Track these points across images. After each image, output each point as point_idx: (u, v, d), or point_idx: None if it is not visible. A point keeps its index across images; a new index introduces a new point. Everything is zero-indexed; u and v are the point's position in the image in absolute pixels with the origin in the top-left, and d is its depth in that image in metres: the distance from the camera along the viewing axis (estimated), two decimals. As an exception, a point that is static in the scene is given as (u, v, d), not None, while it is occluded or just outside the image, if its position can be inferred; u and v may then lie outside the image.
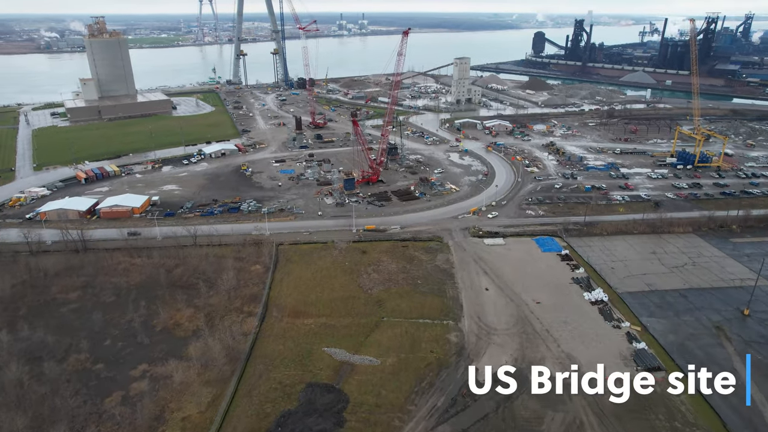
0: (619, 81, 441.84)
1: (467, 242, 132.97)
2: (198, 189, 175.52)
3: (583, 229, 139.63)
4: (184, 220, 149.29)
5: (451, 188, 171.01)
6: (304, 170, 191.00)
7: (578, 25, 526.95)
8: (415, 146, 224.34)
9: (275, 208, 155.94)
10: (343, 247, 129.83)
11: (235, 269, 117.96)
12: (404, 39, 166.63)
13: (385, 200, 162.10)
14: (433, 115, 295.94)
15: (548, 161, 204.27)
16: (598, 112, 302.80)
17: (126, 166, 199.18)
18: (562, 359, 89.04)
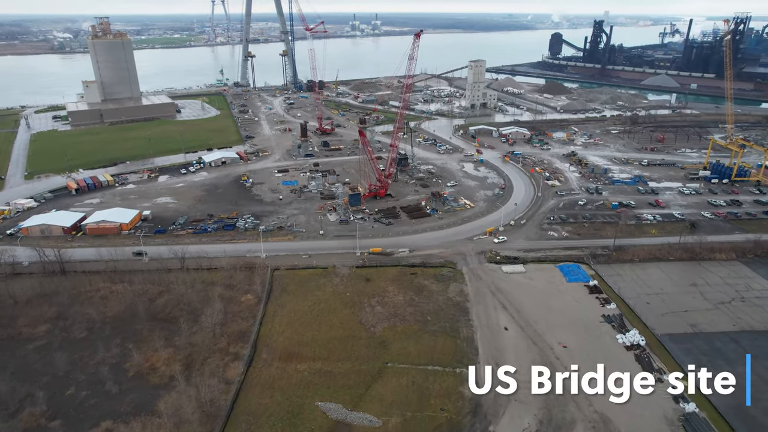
0: (640, 84, 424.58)
1: (483, 269, 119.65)
2: (194, 202, 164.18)
3: (612, 255, 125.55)
4: (174, 239, 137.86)
5: (466, 204, 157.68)
6: (307, 182, 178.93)
7: (597, 26, 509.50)
8: (426, 155, 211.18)
9: (274, 225, 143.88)
10: (345, 273, 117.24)
11: (224, 300, 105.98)
12: (416, 42, 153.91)
13: (393, 217, 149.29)
14: (446, 120, 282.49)
15: (570, 173, 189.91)
16: (620, 118, 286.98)
17: (121, 176, 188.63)
18: (595, 422, 75.62)
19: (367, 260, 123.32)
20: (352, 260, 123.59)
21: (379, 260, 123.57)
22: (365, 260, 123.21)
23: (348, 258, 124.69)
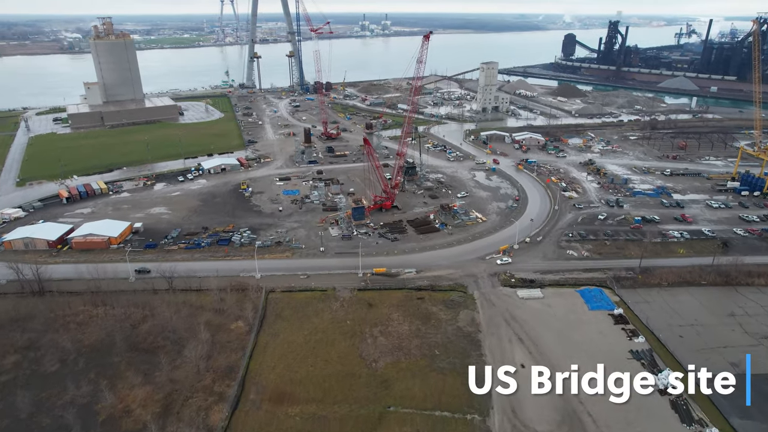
0: (656, 87, 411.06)
1: (496, 293, 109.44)
2: (189, 213, 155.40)
3: (637, 278, 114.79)
4: (165, 254, 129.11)
5: (477, 218, 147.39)
6: (310, 191, 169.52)
7: (612, 26, 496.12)
8: (436, 163, 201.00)
9: (271, 240, 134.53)
10: (346, 297, 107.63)
11: (212, 327, 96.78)
12: (425, 44, 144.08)
13: (399, 232, 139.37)
14: (456, 125, 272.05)
15: (588, 184, 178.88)
16: (638, 123, 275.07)
17: (115, 183, 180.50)
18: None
19: (369, 282, 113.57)
20: (354, 282, 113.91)
21: (383, 282, 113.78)
22: (368, 282, 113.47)
23: (349, 279, 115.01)
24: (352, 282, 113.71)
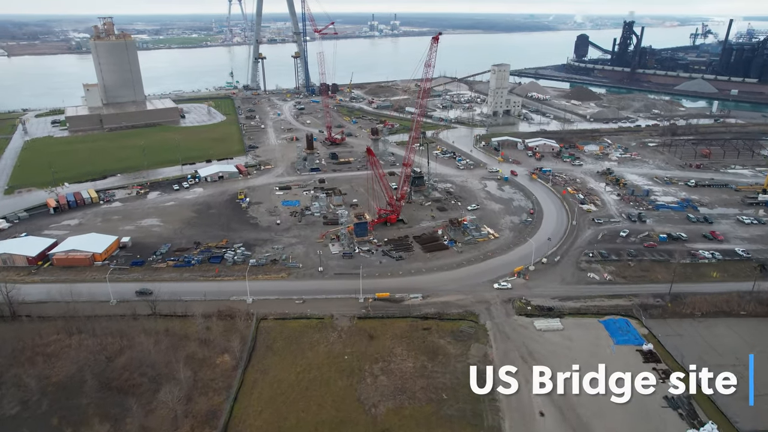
0: (673, 90, 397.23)
1: (511, 324, 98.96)
2: (182, 225, 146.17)
3: (667, 307, 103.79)
4: (152, 273, 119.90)
5: (489, 234, 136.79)
6: (310, 202, 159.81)
7: (627, 27, 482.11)
8: (445, 171, 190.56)
9: (267, 258, 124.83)
10: (345, 326, 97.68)
11: (196, 361, 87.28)
12: (434, 46, 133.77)
13: (404, 249, 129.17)
14: (466, 129, 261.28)
15: (607, 195, 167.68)
16: (657, 128, 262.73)
17: (107, 191, 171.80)
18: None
19: (371, 309, 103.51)
20: (354, 308, 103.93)
21: (386, 309, 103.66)
22: (369, 309, 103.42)
23: (349, 305, 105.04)
24: (352, 308, 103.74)
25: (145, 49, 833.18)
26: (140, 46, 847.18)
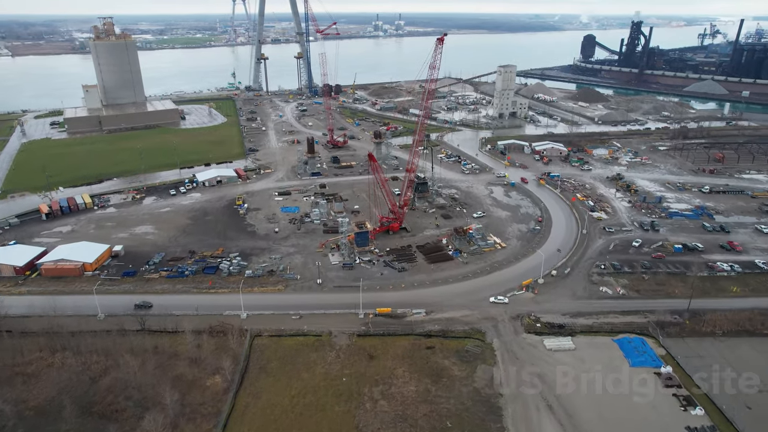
0: (682, 91, 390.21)
1: (520, 343, 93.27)
2: (177, 233, 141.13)
3: (685, 324, 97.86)
4: (144, 284, 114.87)
5: (496, 244, 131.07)
6: (310, 208, 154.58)
7: (635, 27, 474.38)
8: (449, 176, 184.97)
9: (263, 268, 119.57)
10: (343, 345, 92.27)
11: (185, 383, 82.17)
12: (438, 47, 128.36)
13: (407, 260, 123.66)
14: (471, 132, 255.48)
15: (617, 202, 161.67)
16: (667, 131, 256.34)
17: (102, 197, 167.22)
18: None
19: (371, 325, 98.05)
20: (354, 324, 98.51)
21: (387, 325, 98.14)
22: (370, 325, 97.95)
23: (348, 321, 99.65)
24: (352, 324, 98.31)
25: (149, 49, 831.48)
26: (144, 46, 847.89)
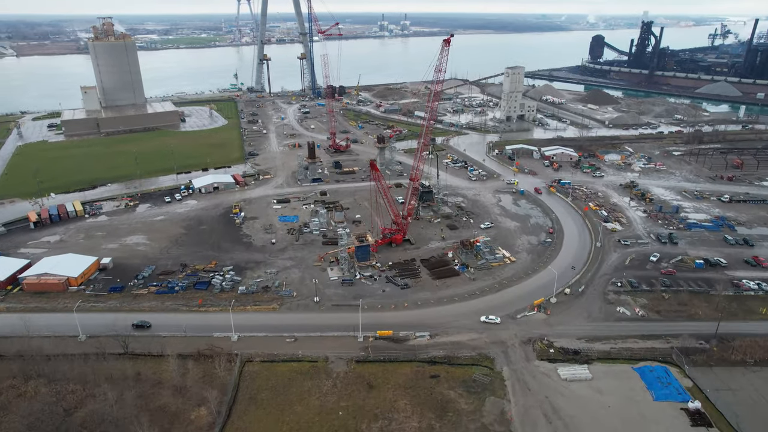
0: (694, 93, 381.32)
1: (532, 371, 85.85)
2: (169, 244, 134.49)
3: (713, 352, 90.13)
4: (131, 300, 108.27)
5: (505, 258, 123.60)
6: (310, 217, 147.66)
7: (645, 27, 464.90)
8: (456, 182, 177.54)
9: (257, 284, 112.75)
10: (341, 372, 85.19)
11: (167, 416, 75.40)
12: (445, 49, 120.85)
13: (411, 275, 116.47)
14: (478, 136, 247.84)
15: (632, 212, 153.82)
16: (681, 135, 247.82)
17: (94, 204, 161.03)
18: None
19: (371, 350, 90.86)
20: (352, 348, 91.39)
21: (388, 350, 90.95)
22: (369, 350, 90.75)
23: (347, 344, 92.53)
24: (350, 349, 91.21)
25: (153, 49, 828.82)
26: (148, 46, 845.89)
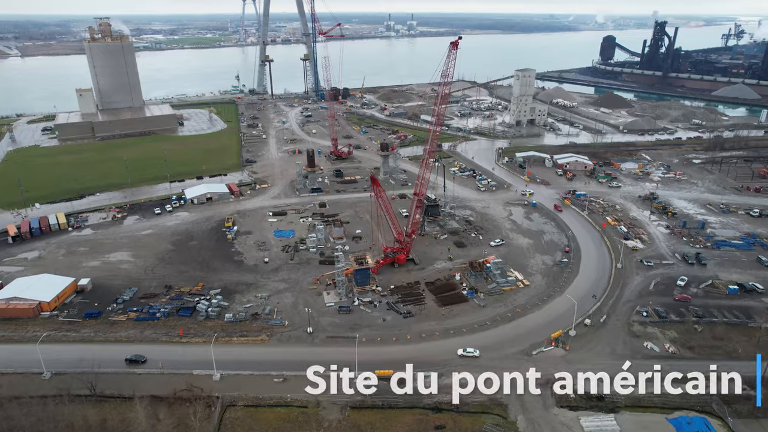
0: (710, 96, 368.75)
1: (550, 421, 75.46)
2: (155, 262, 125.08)
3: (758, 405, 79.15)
4: (108, 328, 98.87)
5: (517, 282, 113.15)
6: (307, 233, 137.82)
7: (659, 27, 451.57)
8: (463, 194, 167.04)
9: (246, 310, 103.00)
10: (333, 420, 75.34)
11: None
12: (452, 52, 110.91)
13: (414, 301, 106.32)
14: (486, 141, 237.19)
15: (653, 227, 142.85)
16: (701, 141, 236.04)
17: (79, 216, 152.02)
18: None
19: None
20: (347, 392, 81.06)
21: (387, 395, 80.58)
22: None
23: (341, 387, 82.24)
24: (345, 391, 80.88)
25: (158, 49, 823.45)
26: (153, 46, 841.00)
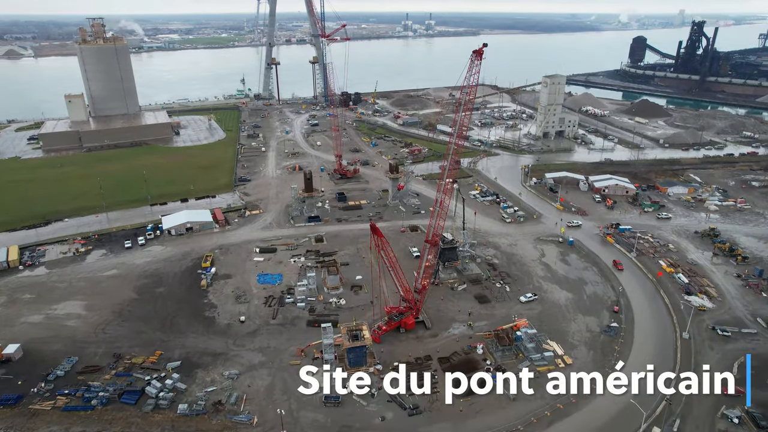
0: (755, 102, 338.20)
1: None
2: (110, 316, 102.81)
3: None
4: (25, 422, 76.49)
5: (557, 359, 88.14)
6: (297, 277, 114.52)
7: (696, 28, 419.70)
8: (486, 226, 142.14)
9: (206, 397, 79.80)
10: None
11: None
12: (475, 62, 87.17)
13: (423, 385, 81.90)
14: (510, 157, 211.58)
15: (720, 274, 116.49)
16: (757, 158, 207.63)
17: (36, 249, 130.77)
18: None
19: None
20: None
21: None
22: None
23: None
24: None
25: (171, 49, 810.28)
26: (166, 46, 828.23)
